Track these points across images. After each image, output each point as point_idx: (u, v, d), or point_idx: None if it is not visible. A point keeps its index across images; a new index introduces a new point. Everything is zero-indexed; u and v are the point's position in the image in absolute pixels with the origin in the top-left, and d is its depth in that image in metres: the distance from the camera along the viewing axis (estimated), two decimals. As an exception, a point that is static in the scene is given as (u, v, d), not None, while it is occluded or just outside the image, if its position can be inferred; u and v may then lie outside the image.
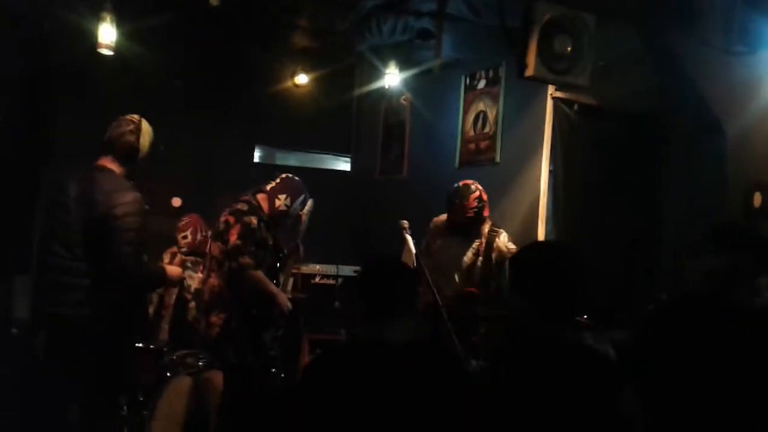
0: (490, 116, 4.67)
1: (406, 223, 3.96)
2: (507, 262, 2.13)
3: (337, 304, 5.22)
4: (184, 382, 4.01)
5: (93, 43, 4.20)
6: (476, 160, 4.75)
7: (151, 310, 4.71)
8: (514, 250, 3.80)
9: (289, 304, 3.89)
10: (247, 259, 3.70)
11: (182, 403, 3.95)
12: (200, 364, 4.10)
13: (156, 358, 4.22)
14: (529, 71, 3.20)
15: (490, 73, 4.73)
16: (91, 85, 4.77)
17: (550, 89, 4.08)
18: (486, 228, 3.94)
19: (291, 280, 4.94)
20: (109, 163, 3.12)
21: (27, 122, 2.32)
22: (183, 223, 4.86)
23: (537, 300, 2.01)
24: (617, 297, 3.95)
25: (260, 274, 3.77)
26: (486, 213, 3.97)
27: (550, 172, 4.17)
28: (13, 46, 2.28)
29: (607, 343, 2.14)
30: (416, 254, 3.85)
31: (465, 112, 4.90)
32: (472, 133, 4.83)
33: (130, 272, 3.00)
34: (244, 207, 3.87)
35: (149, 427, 3.84)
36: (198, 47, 5.35)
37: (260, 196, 3.96)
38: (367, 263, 2.28)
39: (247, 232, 3.76)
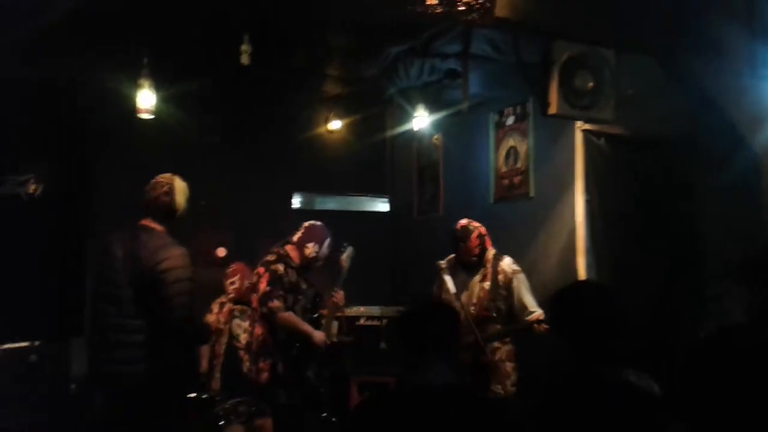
0: (521, 151, 4.72)
1: (443, 263, 4.02)
2: (551, 303, 2.16)
3: (383, 345, 5.25)
4: (236, 431, 4.08)
5: (132, 108, 4.43)
6: (510, 195, 4.79)
7: (204, 362, 4.83)
8: (518, 271, 4.02)
9: (326, 341, 4.02)
10: (276, 303, 3.88)
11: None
12: (252, 411, 4.17)
13: (208, 407, 4.31)
14: (552, 109, 3.24)
15: (518, 109, 4.78)
16: (131, 148, 4.99)
17: (578, 122, 4.10)
18: (490, 254, 4.12)
19: (336, 324, 5.03)
20: (150, 223, 3.29)
21: (70, 187, 2.46)
22: (231, 270, 4.99)
23: (575, 339, 2.04)
24: (661, 327, 3.89)
25: (290, 315, 3.94)
26: (488, 245, 4.13)
27: (586, 202, 4.17)
28: (56, 114, 2.44)
29: (649, 379, 2.13)
30: (455, 293, 3.92)
31: (496, 149, 4.95)
32: (504, 168, 4.87)
33: (184, 324, 3.14)
34: (272, 257, 4.06)
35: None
36: (233, 103, 5.56)
37: (288, 247, 4.14)
38: (407, 305, 2.33)
39: (274, 278, 3.95)
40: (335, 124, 6.03)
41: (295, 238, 4.14)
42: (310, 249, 4.07)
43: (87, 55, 3.75)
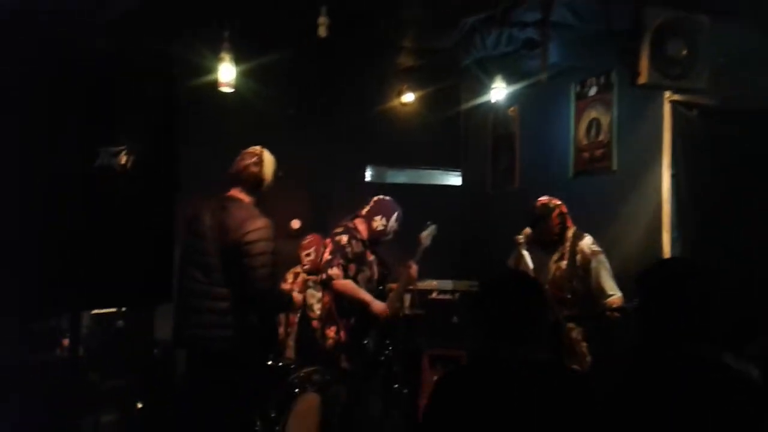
0: (604, 123, 4.54)
1: (521, 238, 3.94)
2: (637, 281, 2.08)
3: (455, 319, 5.24)
4: (312, 399, 4.16)
5: (213, 81, 4.52)
6: (591, 168, 4.63)
7: (281, 330, 4.94)
8: (598, 252, 3.79)
9: (386, 312, 4.03)
10: (335, 270, 3.95)
11: (311, 419, 4.11)
12: (326, 379, 4.25)
13: (285, 375, 4.41)
14: (642, 78, 3.10)
15: (602, 79, 4.60)
16: (213, 121, 5.12)
17: (667, 92, 3.91)
18: (570, 233, 3.92)
19: (408, 297, 5.04)
20: (238, 194, 3.37)
21: (159, 159, 2.50)
22: (306, 241, 5.07)
23: (667, 318, 1.96)
24: (756, 306, 3.71)
25: (348, 282, 4.00)
26: (569, 223, 3.94)
27: (672, 176, 3.99)
28: (144, 87, 2.48)
29: (748, 363, 2.03)
30: (533, 269, 3.85)
31: (577, 121, 4.78)
32: (585, 141, 4.71)
33: (266, 294, 3.23)
34: (339, 229, 4.15)
35: (281, 442, 4.02)
36: (309, 76, 5.60)
37: (357, 221, 4.20)
38: (493, 278, 2.27)
39: (336, 248, 4.03)
40: (408, 97, 5.99)
41: (364, 211, 4.20)
42: (378, 222, 4.13)
43: (173, 29, 3.85)
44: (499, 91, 5.23)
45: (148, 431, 4.19)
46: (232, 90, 4.56)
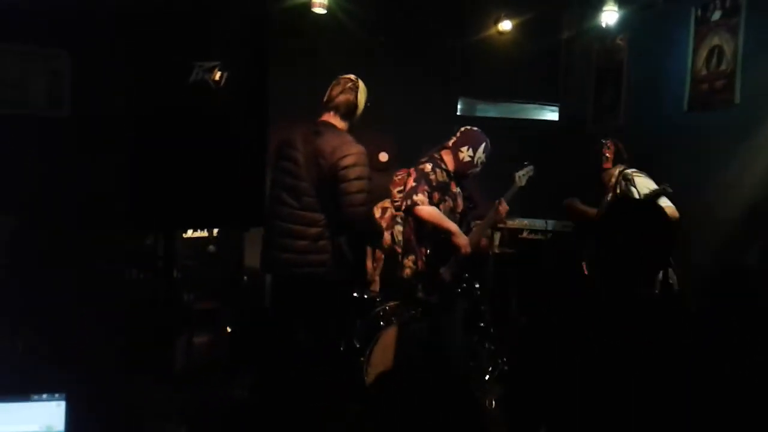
0: (728, 51, 4.11)
1: (630, 173, 3.68)
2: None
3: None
4: (395, 332, 4.12)
5: (307, 1, 4.38)
6: (710, 101, 4.21)
7: (369, 263, 4.89)
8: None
9: (467, 245, 3.85)
10: (419, 196, 3.78)
11: (394, 351, 4.08)
12: (411, 314, 4.19)
13: (370, 307, 4.39)
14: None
15: (727, 3, 4.14)
16: (305, 42, 4.99)
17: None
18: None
19: (498, 235, 4.87)
20: (332, 119, 3.33)
21: (251, 77, 2.41)
22: (398, 177, 4.92)
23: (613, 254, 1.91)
24: None
25: (433, 209, 3.82)
26: None
27: (802, 112, 3.59)
28: (234, 11, 2.38)
29: None
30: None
31: (696, 49, 4.34)
32: (704, 71, 4.28)
33: (360, 219, 3.19)
34: (423, 159, 3.99)
35: (365, 373, 4.02)
36: (402, 1, 5.36)
37: (443, 152, 4.02)
38: (617, 205, 2.11)
39: (420, 175, 3.86)
40: (506, 25, 5.66)
41: (451, 142, 4.02)
42: (464, 153, 3.94)
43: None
44: (610, 15, 4.83)
45: (237, 354, 4.27)
46: (324, 11, 4.41)
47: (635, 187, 3.92)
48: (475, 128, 4.04)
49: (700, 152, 3.78)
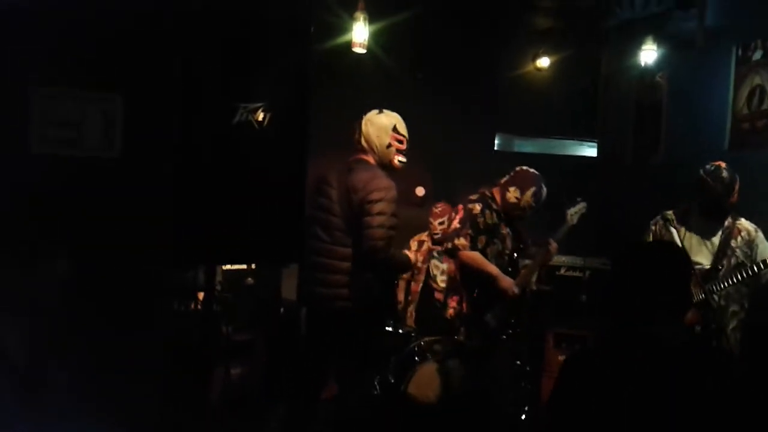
0: (770, 91, 4.08)
1: (671, 214, 3.64)
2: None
3: (583, 297, 4.98)
4: (431, 368, 4.09)
5: (347, 41, 4.48)
6: (752, 141, 4.17)
7: (401, 296, 4.90)
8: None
9: (514, 289, 3.80)
10: (462, 241, 3.77)
11: (430, 388, 4.05)
12: (447, 350, 4.16)
13: (405, 342, 4.37)
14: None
15: (768, 42, 4.12)
16: (345, 83, 5.09)
17: None
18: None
19: (536, 273, 4.84)
20: (363, 155, 3.37)
21: (293, 117, 2.48)
22: (438, 210, 4.93)
23: (634, 299, 1.89)
24: None
25: (475, 254, 3.79)
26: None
27: None
28: (281, 45, 2.46)
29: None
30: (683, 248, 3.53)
31: (737, 88, 4.32)
32: (746, 111, 4.24)
33: (379, 253, 3.17)
34: (474, 197, 3.95)
35: (399, 409, 4.00)
36: (440, 37, 5.43)
37: (495, 189, 3.99)
38: (636, 248, 2.09)
39: (467, 216, 3.83)
40: (544, 62, 5.70)
41: (503, 180, 3.98)
42: (511, 194, 3.88)
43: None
44: (649, 54, 4.83)
45: (272, 386, 4.31)
46: (364, 51, 4.51)
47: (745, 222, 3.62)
48: (532, 170, 3.95)
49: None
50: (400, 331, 4.49)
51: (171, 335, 2.72)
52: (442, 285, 4.99)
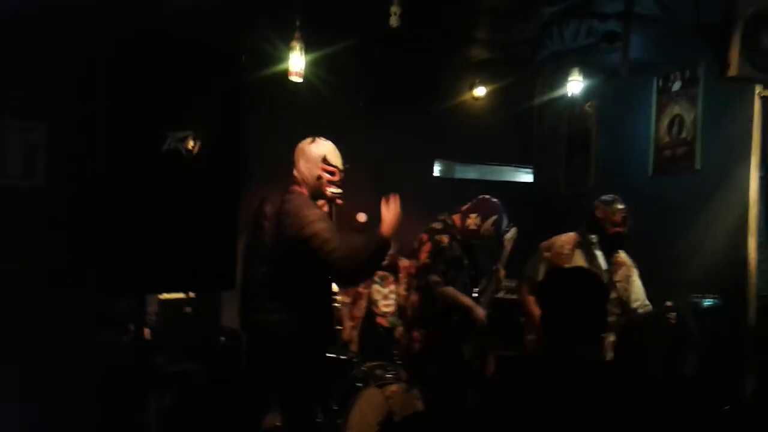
0: (688, 120, 4.30)
1: (594, 238, 3.78)
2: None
3: (522, 319, 5.08)
4: (374, 394, 4.11)
5: (283, 70, 4.53)
6: (672, 168, 4.39)
7: (347, 323, 4.91)
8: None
9: (483, 317, 3.86)
10: (434, 278, 3.76)
11: (372, 414, 4.06)
12: (388, 376, 4.19)
13: (348, 368, 4.38)
14: (732, 71, 2.91)
15: (687, 74, 4.35)
16: (282, 110, 5.13)
17: (758, 88, 3.65)
18: None
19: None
20: (298, 187, 3.30)
21: (224, 146, 2.50)
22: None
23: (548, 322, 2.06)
24: None
25: (450, 290, 3.80)
26: None
27: (761, 178, 3.74)
28: (213, 74, 2.49)
29: None
30: (606, 270, 3.67)
31: (658, 117, 4.55)
32: (667, 138, 4.47)
33: (344, 261, 3.02)
34: (438, 226, 3.95)
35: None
36: (379, 67, 5.53)
37: (455, 216, 4.00)
38: (557, 275, 2.20)
39: (436, 250, 3.82)
40: (480, 91, 5.86)
41: (464, 207, 4.01)
42: (472, 220, 3.90)
43: (244, 17, 3.87)
44: (576, 85, 5.05)
45: (212, 416, 4.24)
46: (301, 80, 4.56)
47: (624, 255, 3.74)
48: (494, 199, 3.98)
49: (663, 215, 3.91)
50: (343, 357, 4.50)
51: (101, 368, 2.68)
52: (384, 310, 5.03)
